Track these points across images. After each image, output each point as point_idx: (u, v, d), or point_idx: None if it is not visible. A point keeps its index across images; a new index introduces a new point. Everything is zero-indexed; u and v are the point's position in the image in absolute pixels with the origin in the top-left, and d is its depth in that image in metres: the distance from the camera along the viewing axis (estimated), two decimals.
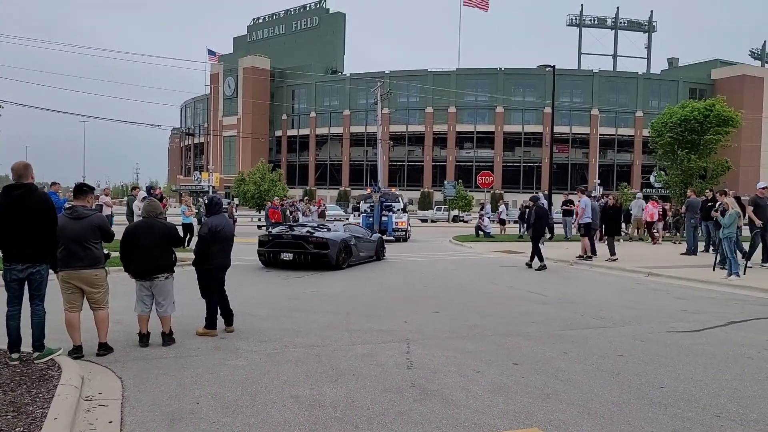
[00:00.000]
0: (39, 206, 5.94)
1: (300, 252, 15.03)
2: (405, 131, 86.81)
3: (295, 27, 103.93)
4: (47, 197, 6.14)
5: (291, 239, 15.34)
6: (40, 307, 6.11)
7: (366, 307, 9.78)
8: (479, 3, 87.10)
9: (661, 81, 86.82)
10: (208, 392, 5.30)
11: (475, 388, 5.46)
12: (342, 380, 5.68)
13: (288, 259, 15.11)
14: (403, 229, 26.20)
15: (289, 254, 15.12)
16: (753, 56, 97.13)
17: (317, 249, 14.98)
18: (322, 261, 14.99)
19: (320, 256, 14.95)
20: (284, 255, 15.16)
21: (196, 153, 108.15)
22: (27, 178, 6.01)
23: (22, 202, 5.88)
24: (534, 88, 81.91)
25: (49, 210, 6.02)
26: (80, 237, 6.32)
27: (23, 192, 5.91)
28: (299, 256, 15.03)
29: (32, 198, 5.92)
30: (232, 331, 7.67)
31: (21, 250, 5.91)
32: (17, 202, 5.87)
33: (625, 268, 15.38)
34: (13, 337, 5.98)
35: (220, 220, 7.74)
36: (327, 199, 68.27)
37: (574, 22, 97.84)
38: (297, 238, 15.28)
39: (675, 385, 5.61)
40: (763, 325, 8.59)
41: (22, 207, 5.87)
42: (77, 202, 6.61)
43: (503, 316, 9.12)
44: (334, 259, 15.08)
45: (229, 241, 7.80)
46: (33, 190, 5.98)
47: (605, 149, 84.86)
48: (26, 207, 5.88)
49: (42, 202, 5.98)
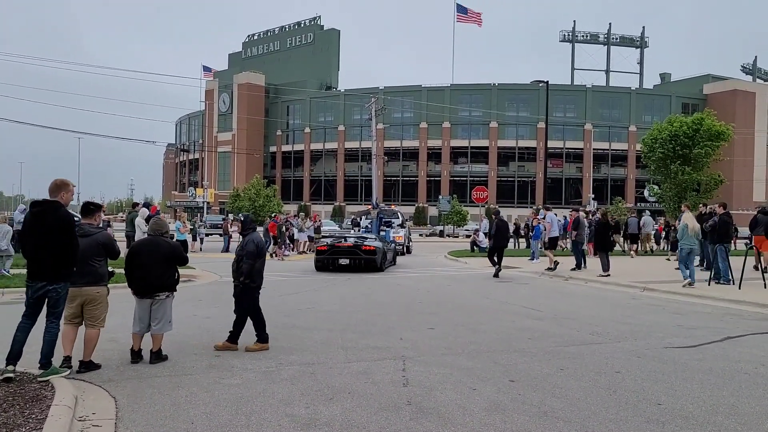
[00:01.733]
0: (55, 225, 5.98)
1: (354, 257, 18.84)
2: (399, 146, 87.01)
3: (289, 43, 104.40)
4: (66, 217, 6.13)
5: (347, 248, 19.18)
6: (55, 324, 6.15)
7: (361, 323, 9.74)
8: (473, 19, 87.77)
9: (653, 96, 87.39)
10: (202, 412, 5.25)
11: (472, 406, 5.43)
12: (338, 398, 5.64)
13: (345, 263, 18.84)
14: (400, 243, 27.19)
15: (346, 260, 18.89)
16: (744, 71, 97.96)
17: (367, 255, 18.83)
18: (371, 265, 18.79)
19: (370, 261, 18.79)
20: (342, 260, 18.89)
21: (191, 169, 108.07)
22: (56, 196, 6.13)
23: (40, 220, 5.97)
24: (528, 104, 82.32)
25: (65, 230, 6.04)
26: (85, 254, 6.40)
27: (43, 210, 6.02)
28: (354, 260, 18.80)
29: (50, 217, 6.00)
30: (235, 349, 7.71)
31: (37, 267, 5.99)
32: (36, 219, 5.98)
33: (620, 283, 15.39)
34: (14, 350, 5.97)
35: (261, 237, 7.97)
36: (322, 214, 68.25)
37: (567, 38, 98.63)
38: (352, 246, 19.20)
39: (672, 402, 5.59)
40: (760, 341, 8.59)
41: (39, 225, 5.97)
42: (85, 220, 6.73)
43: (498, 332, 9.10)
44: (379, 262, 19.00)
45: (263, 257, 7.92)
46: (54, 208, 6.05)
47: (599, 164, 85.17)
48: (43, 225, 5.97)
49: (59, 222, 6.01)
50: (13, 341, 5.98)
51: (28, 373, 6.04)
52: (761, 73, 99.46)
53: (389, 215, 29.45)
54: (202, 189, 63.13)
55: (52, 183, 6.24)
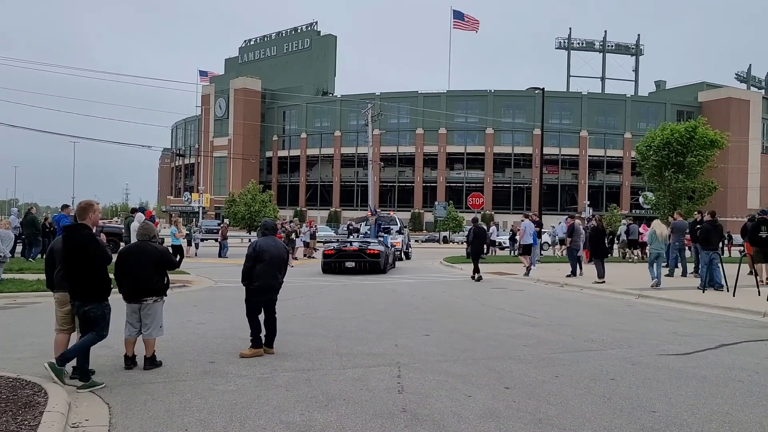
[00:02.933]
0: (77, 247, 6.20)
1: (360, 261, 20.04)
2: (396, 152, 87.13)
3: (286, 49, 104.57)
4: (87, 238, 6.27)
5: (353, 252, 20.33)
6: (91, 334, 6.29)
7: (356, 330, 9.73)
8: (470, 25, 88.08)
9: (649, 103, 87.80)
10: (196, 418, 5.23)
11: (467, 413, 5.43)
12: (332, 405, 5.63)
13: (351, 266, 20.05)
14: (398, 249, 27.70)
15: (352, 263, 20.07)
16: (739, 79, 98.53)
17: (372, 258, 20.06)
18: (375, 267, 20.02)
19: (374, 264, 20.04)
20: (348, 263, 20.09)
21: (187, 174, 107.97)
22: (84, 218, 6.35)
23: (67, 243, 6.23)
24: (523, 110, 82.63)
25: (86, 251, 6.19)
26: None
27: (67, 233, 6.30)
28: (359, 264, 20.01)
29: (72, 239, 6.22)
30: (271, 353, 7.70)
31: (71, 288, 6.23)
32: (64, 242, 6.26)
33: (615, 290, 15.41)
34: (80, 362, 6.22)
35: (267, 242, 7.92)
36: (318, 219, 68.18)
37: (562, 45, 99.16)
38: (357, 250, 20.37)
39: (667, 410, 5.60)
40: (754, 348, 8.61)
41: (66, 248, 6.22)
42: None
43: (494, 338, 9.09)
44: (382, 265, 20.22)
45: (273, 262, 7.81)
46: (76, 230, 6.28)
47: (594, 170, 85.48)
48: (69, 248, 6.21)
49: (80, 243, 6.20)
50: None
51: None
52: (755, 82, 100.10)
53: (387, 221, 29.87)
54: (198, 194, 63.00)
55: (78, 206, 6.48)
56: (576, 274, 18.45)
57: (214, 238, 35.72)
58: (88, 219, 6.38)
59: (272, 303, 7.91)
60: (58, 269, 6.46)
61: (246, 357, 7.50)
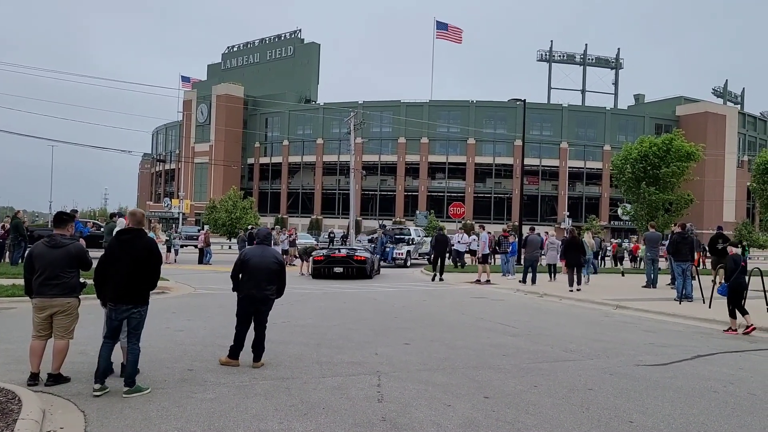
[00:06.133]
0: (142, 251, 6.35)
1: (347, 266, 21.24)
2: (378, 161, 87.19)
3: (269, 56, 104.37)
4: (153, 243, 6.55)
5: (341, 258, 21.53)
6: (136, 345, 6.35)
7: (336, 338, 9.70)
8: (452, 36, 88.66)
9: (627, 116, 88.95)
10: (174, 426, 5.18)
11: (446, 423, 5.43)
12: (312, 414, 5.60)
13: (339, 271, 21.25)
14: (402, 258, 29.59)
15: (340, 268, 21.28)
16: (715, 94, 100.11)
17: (359, 264, 21.28)
18: (362, 272, 21.30)
19: (361, 269, 21.29)
20: (336, 269, 21.31)
21: (167, 179, 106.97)
22: (142, 225, 6.61)
23: (129, 247, 6.34)
24: (505, 121, 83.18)
25: (152, 254, 6.45)
26: (57, 265, 6.39)
27: (132, 237, 6.40)
28: (347, 269, 21.22)
29: (138, 243, 6.37)
30: (257, 367, 7.42)
31: (125, 291, 6.27)
32: (125, 246, 6.35)
33: (594, 300, 15.55)
34: (101, 368, 6.18)
35: (254, 250, 7.77)
36: (299, 227, 67.93)
37: (544, 58, 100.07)
38: (345, 257, 21.53)
39: (643, 420, 5.65)
40: (729, 359, 8.73)
41: (128, 251, 6.31)
42: (57, 230, 6.70)
43: (473, 348, 9.12)
44: (368, 271, 21.54)
45: (259, 272, 7.53)
46: (141, 235, 6.46)
47: (574, 182, 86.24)
48: (131, 251, 6.32)
49: (146, 248, 6.39)
50: (99, 360, 6.21)
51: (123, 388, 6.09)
52: (731, 97, 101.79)
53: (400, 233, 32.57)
54: (178, 200, 62.47)
55: (140, 213, 6.78)
56: (527, 282, 19.57)
57: (194, 245, 35.38)
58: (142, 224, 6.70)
59: (260, 315, 7.62)
60: (37, 275, 6.38)
61: (222, 364, 7.43)
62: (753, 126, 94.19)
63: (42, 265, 6.38)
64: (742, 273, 11.21)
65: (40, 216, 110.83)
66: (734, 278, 11.10)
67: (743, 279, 11.31)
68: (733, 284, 11.11)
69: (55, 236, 6.58)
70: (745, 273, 11.45)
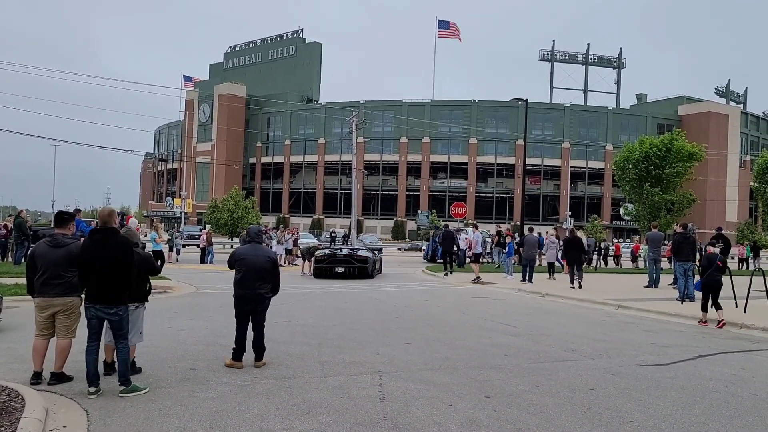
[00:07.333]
0: (114, 251, 6.22)
1: (349, 266, 21.29)
2: (379, 160, 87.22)
3: (271, 55, 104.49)
4: (126, 242, 6.40)
5: (342, 257, 21.56)
6: (124, 345, 6.30)
7: (338, 338, 9.72)
8: (454, 34, 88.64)
9: (630, 116, 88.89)
10: (176, 425, 5.19)
11: (448, 422, 5.44)
12: (313, 413, 5.61)
13: (341, 271, 21.31)
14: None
15: (342, 268, 21.32)
16: (718, 94, 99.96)
17: (360, 264, 21.34)
18: (363, 272, 21.31)
19: (362, 269, 21.30)
20: (338, 268, 21.35)
21: (169, 179, 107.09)
22: (111, 223, 6.41)
23: (103, 246, 6.20)
24: (507, 121, 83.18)
25: (125, 254, 6.29)
26: (58, 265, 6.39)
27: (103, 237, 6.26)
28: (349, 269, 21.29)
29: (111, 242, 6.24)
30: (259, 366, 7.43)
31: (100, 291, 6.18)
32: (98, 246, 6.22)
33: (595, 300, 15.54)
34: (91, 372, 6.11)
35: (246, 249, 7.76)
36: (300, 226, 67.99)
37: (546, 57, 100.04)
38: (347, 256, 21.60)
39: (645, 420, 5.66)
40: (731, 359, 8.73)
41: (101, 251, 6.18)
42: (58, 230, 6.69)
43: (475, 348, 9.12)
44: (369, 270, 21.55)
45: (252, 271, 7.51)
46: (113, 234, 6.32)
47: (576, 181, 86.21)
48: (106, 251, 6.18)
49: (118, 247, 6.26)
50: (87, 366, 6.12)
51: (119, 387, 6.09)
52: (734, 96, 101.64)
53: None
54: (180, 199, 62.60)
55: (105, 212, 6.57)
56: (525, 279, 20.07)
57: (196, 244, 35.41)
58: (113, 223, 6.48)
59: (257, 314, 7.59)
60: (39, 274, 6.39)
61: (226, 366, 7.44)
62: (756, 126, 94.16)
63: (44, 264, 6.40)
64: (716, 271, 11.78)
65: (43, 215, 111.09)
66: (707, 275, 11.77)
67: (719, 276, 11.83)
68: (706, 281, 11.81)
69: (57, 235, 6.59)
70: (720, 271, 11.90)
